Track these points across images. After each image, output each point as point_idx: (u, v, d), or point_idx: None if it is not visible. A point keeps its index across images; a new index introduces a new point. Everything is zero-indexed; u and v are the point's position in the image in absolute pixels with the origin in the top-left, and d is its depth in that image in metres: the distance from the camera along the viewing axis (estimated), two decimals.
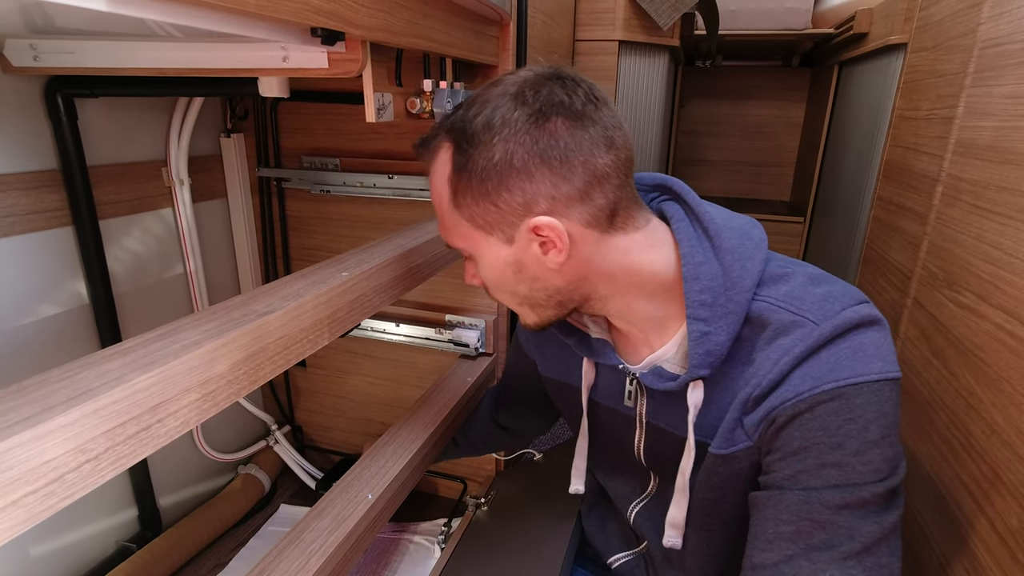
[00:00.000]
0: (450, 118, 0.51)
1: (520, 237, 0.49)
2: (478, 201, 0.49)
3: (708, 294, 0.49)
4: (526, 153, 0.46)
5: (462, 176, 0.49)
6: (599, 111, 0.48)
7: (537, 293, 0.53)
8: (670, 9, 1.23)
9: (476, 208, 0.49)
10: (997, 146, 0.62)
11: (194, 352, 0.39)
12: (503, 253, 0.51)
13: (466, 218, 0.51)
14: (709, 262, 0.50)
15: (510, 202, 0.48)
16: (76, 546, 0.95)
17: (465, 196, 0.49)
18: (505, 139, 0.46)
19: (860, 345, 0.44)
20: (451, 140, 0.50)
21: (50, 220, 0.84)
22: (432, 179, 0.53)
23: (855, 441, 0.43)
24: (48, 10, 0.56)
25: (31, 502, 0.30)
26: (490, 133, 0.47)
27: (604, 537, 0.75)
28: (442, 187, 0.51)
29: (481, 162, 0.47)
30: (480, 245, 0.52)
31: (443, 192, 0.51)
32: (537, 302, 0.54)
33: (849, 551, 0.43)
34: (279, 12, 0.45)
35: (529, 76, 0.49)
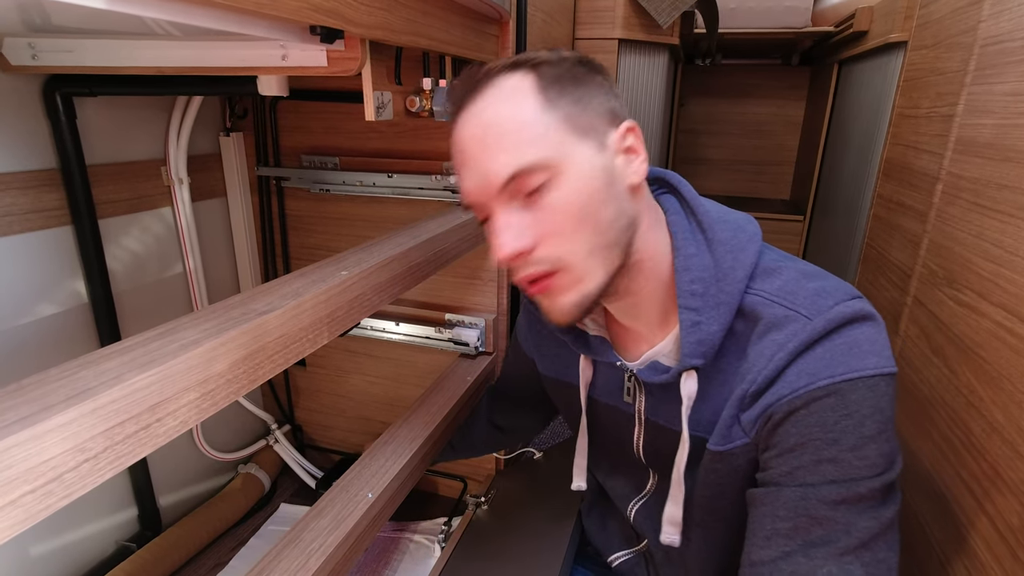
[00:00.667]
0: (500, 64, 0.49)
1: (610, 145, 0.48)
2: (576, 103, 0.47)
3: (699, 284, 0.49)
4: (595, 75, 0.50)
5: (554, 83, 0.47)
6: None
7: (616, 224, 0.48)
8: (669, 7, 1.23)
9: (574, 108, 0.47)
10: (997, 144, 0.62)
11: (193, 351, 0.39)
12: (598, 160, 0.47)
13: (562, 119, 0.47)
14: (701, 254, 0.50)
15: (601, 107, 0.49)
16: (76, 546, 0.95)
17: (562, 97, 0.47)
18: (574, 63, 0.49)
19: (855, 340, 0.44)
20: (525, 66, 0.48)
21: (49, 219, 0.84)
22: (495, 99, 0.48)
23: (851, 437, 0.43)
24: (47, 8, 0.56)
25: (29, 501, 0.30)
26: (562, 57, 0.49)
27: (604, 536, 0.75)
28: (523, 97, 0.47)
29: (569, 72, 0.48)
30: (573, 150, 0.47)
31: (525, 101, 0.47)
32: (612, 240, 0.48)
33: (846, 546, 0.43)
34: (278, 10, 0.45)
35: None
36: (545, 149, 0.46)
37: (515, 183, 0.46)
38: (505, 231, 0.47)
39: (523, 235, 0.47)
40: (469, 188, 0.49)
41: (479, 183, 0.48)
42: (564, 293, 0.49)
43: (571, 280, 0.48)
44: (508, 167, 0.46)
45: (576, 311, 0.49)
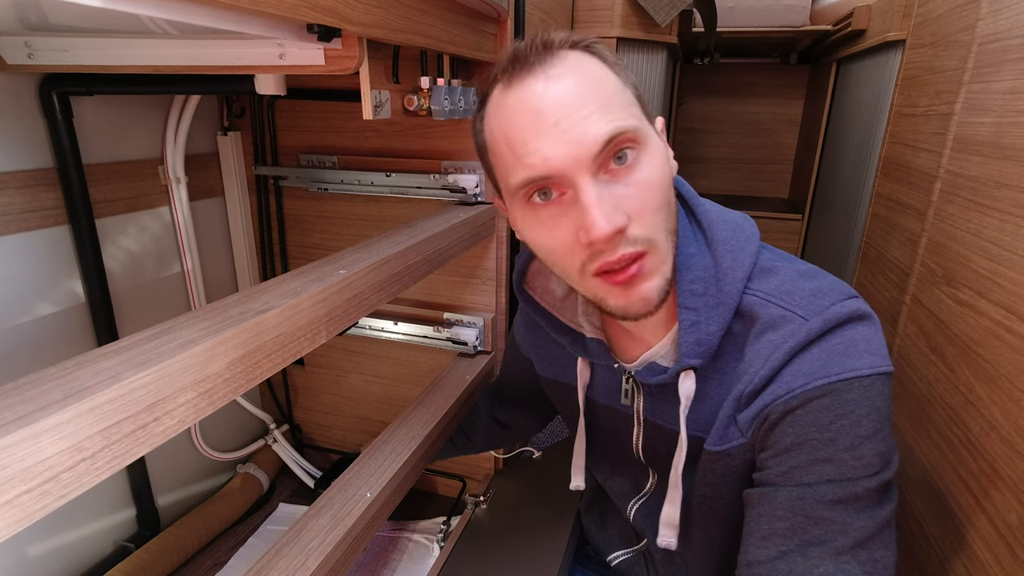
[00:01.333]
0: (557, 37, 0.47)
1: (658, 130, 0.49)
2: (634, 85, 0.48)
3: (699, 284, 0.49)
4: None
5: (615, 64, 0.47)
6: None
7: (674, 206, 0.48)
8: (668, 6, 1.23)
9: (636, 91, 0.48)
10: (996, 142, 0.62)
11: (190, 350, 0.39)
12: (660, 142, 0.48)
13: (634, 99, 0.47)
14: (701, 253, 0.50)
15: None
16: (74, 546, 0.95)
17: (627, 78, 0.47)
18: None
19: (851, 340, 0.44)
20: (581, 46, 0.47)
21: (46, 219, 0.84)
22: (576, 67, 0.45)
23: (847, 436, 0.43)
24: (42, 7, 0.56)
25: (26, 501, 0.30)
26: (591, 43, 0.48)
27: (604, 535, 0.75)
28: (602, 71, 0.46)
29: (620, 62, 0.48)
30: (648, 130, 0.47)
31: (605, 75, 0.46)
32: (673, 227, 0.48)
33: (843, 546, 0.43)
34: (275, 8, 0.45)
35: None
36: (635, 119, 0.45)
37: (613, 146, 0.43)
38: (600, 205, 0.43)
39: (618, 210, 0.43)
40: (550, 155, 0.43)
41: (569, 147, 0.43)
42: (651, 277, 0.46)
43: (658, 262, 0.46)
44: (610, 126, 0.43)
45: (660, 296, 0.47)
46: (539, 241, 0.48)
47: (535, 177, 0.44)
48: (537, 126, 0.44)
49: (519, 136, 0.45)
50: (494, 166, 0.50)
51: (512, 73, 0.45)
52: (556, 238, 0.46)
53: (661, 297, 0.47)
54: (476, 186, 0.96)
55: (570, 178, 0.43)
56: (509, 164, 0.46)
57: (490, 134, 0.49)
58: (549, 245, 0.47)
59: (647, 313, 0.47)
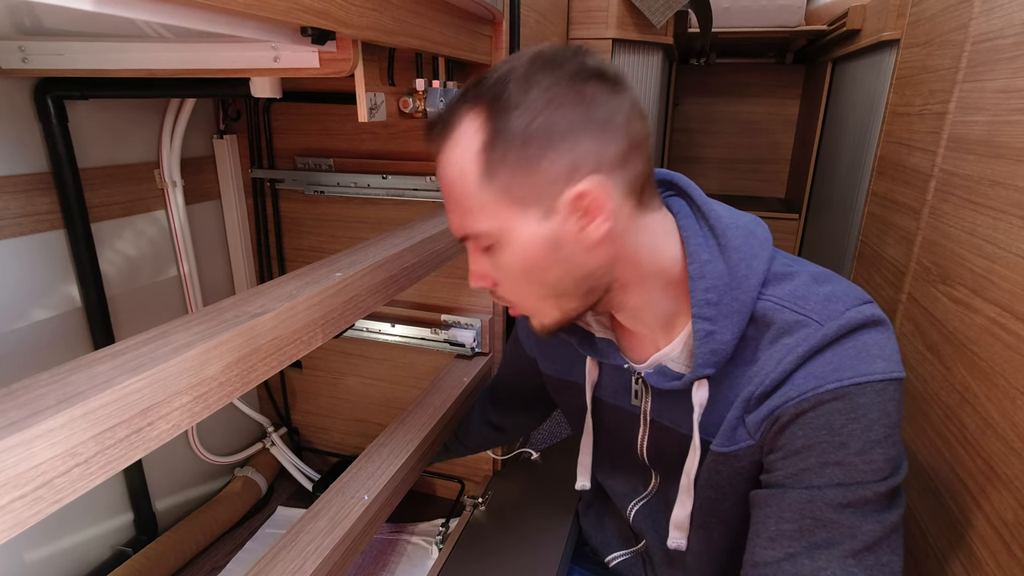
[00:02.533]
0: (475, 89, 0.47)
1: (560, 208, 0.46)
2: (518, 169, 0.45)
3: (714, 293, 0.48)
4: (571, 113, 0.44)
5: (498, 144, 0.45)
6: (625, 82, 0.47)
7: (566, 280, 0.49)
8: (663, 7, 1.23)
9: (514, 179, 0.45)
10: (989, 141, 0.62)
11: (185, 354, 0.39)
12: (541, 230, 0.47)
13: (500, 191, 0.46)
14: (715, 260, 0.49)
15: (553, 168, 0.45)
16: (71, 551, 0.95)
17: (503, 165, 0.45)
18: (548, 100, 0.44)
19: (864, 345, 0.44)
20: (484, 105, 0.46)
21: (41, 223, 0.84)
22: (450, 158, 0.48)
23: (858, 440, 0.43)
24: (36, 11, 0.56)
25: (19, 507, 0.30)
26: (530, 95, 0.44)
27: (602, 536, 0.75)
28: (468, 162, 0.46)
29: (522, 124, 0.44)
30: (512, 224, 0.47)
31: (469, 168, 0.46)
32: (565, 291, 0.50)
33: (850, 549, 0.43)
34: (268, 11, 0.45)
35: (547, 48, 0.47)
36: (485, 222, 0.48)
37: (467, 241, 0.51)
38: (471, 269, 0.53)
39: (484, 277, 0.52)
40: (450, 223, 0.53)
41: (451, 225, 0.52)
42: (534, 318, 0.54)
43: (532, 312, 0.54)
44: (460, 229, 0.50)
45: (548, 331, 0.54)
46: None
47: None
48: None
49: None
50: None
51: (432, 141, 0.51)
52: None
53: (550, 331, 0.54)
54: None
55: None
56: None
57: None
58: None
59: (545, 337, 0.56)
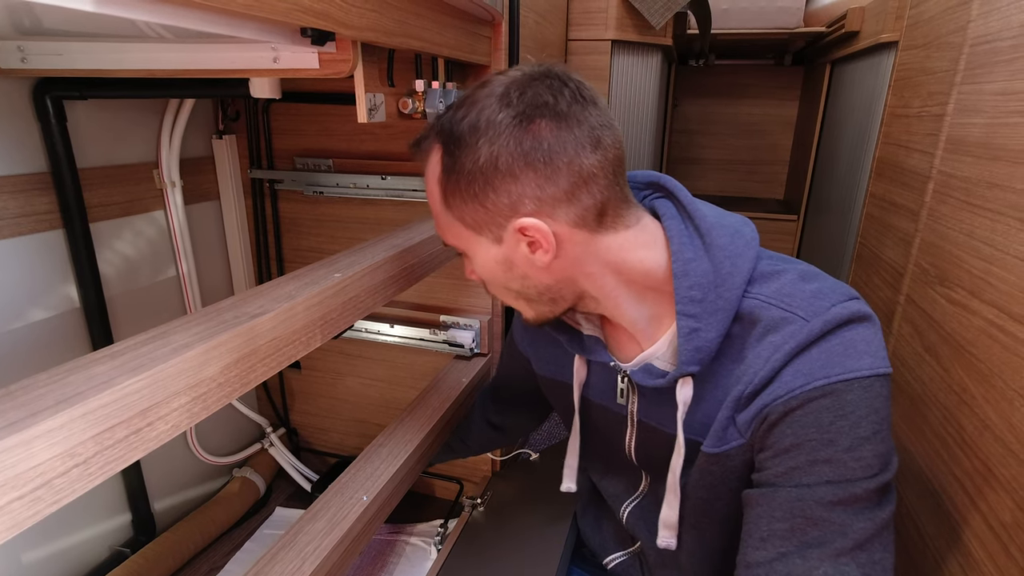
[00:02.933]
0: (440, 119, 0.52)
1: (508, 237, 0.50)
2: (466, 202, 0.50)
3: (698, 291, 0.49)
4: (510, 155, 0.47)
5: (450, 178, 0.50)
6: (585, 111, 0.47)
7: (529, 290, 0.54)
8: (662, 8, 1.24)
9: (465, 209, 0.50)
10: (987, 143, 0.63)
11: (184, 355, 0.39)
12: (493, 252, 0.52)
13: (456, 218, 0.52)
14: (699, 259, 0.50)
15: (496, 203, 0.48)
16: (69, 551, 0.95)
17: (454, 197, 0.50)
18: (490, 141, 0.47)
19: (851, 341, 0.44)
20: (440, 142, 0.51)
21: (40, 223, 0.84)
22: (426, 179, 0.54)
23: (847, 437, 0.43)
24: (35, 11, 0.56)
25: (17, 508, 0.30)
26: (475, 135, 0.47)
27: (600, 537, 0.75)
28: (434, 188, 0.53)
29: (468, 164, 0.48)
30: (471, 244, 0.53)
31: (435, 192, 0.53)
32: (531, 298, 0.55)
33: (842, 548, 0.43)
34: (268, 12, 0.45)
35: (517, 76, 0.49)
36: (453, 238, 0.54)
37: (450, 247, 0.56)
38: (465, 263, 0.58)
39: (472, 273, 0.57)
40: None
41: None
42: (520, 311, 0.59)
43: (515, 306, 0.58)
44: (442, 237, 0.56)
45: (538, 322, 0.58)
46: None
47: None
48: None
49: None
50: None
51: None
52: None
53: (540, 323, 0.58)
54: None
55: None
56: None
57: None
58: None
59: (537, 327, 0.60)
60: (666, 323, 0.53)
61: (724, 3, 1.78)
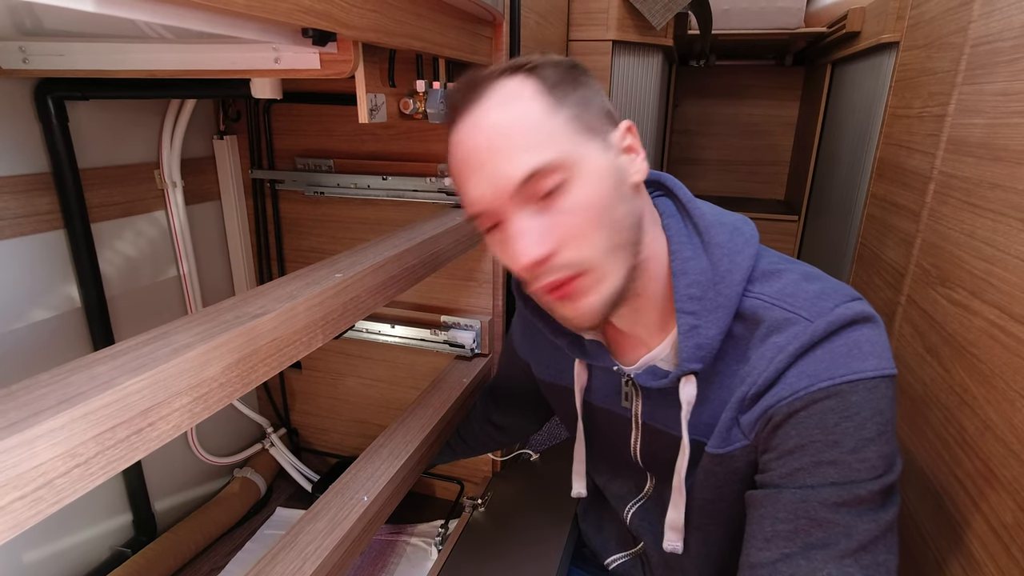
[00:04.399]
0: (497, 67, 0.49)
1: (613, 144, 0.49)
2: (579, 103, 0.47)
3: (696, 288, 0.49)
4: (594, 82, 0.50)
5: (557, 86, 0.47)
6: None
7: (628, 219, 0.48)
8: (663, 9, 1.24)
9: (578, 109, 0.47)
10: (988, 143, 0.63)
11: (185, 355, 0.39)
12: (605, 159, 0.48)
13: (569, 118, 0.46)
14: (698, 257, 0.50)
15: (600, 109, 0.49)
16: (70, 551, 0.95)
17: (566, 100, 0.47)
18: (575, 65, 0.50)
19: (855, 342, 0.44)
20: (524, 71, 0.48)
21: (41, 223, 0.84)
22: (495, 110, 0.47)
23: (852, 439, 0.43)
24: (37, 11, 0.56)
25: (19, 508, 0.30)
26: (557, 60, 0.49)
27: (601, 538, 0.75)
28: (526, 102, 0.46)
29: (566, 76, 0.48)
30: (584, 151, 0.46)
31: (530, 106, 0.46)
32: (625, 240, 0.48)
33: (846, 549, 0.43)
34: (269, 12, 0.45)
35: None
36: (558, 148, 0.45)
37: (531, 183, 0.45)
38: (524, 236, 0.45)
39: (543, 240, 0.45)
40: (478, 195, 0.47)
41: (491, 187, 0.46)
42: (588, 295, 0.48)
43: (594, 280, 0.47)
44: (525, 166, 0.44)
45: (601, 311, 0.48)
46: (499, 260, 0.52)
47: (472, 214, 0.50)
48: (468, 169, 0.48)
49: (458, 178, 0.50)
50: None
51: (456, 113, 0.49)
52: (505, 260, 0.50)
53: (605, 311, 0.49)
54: None
55: (499, 213, 0.47)
56: (461, 199, 0.51)
57: (449, 162, 0.52)
58: (505, 264, 0.50)
59: (593, 326, 0.50)
60: (669, 325, 0.53)
61: (725, 3, 1.78)
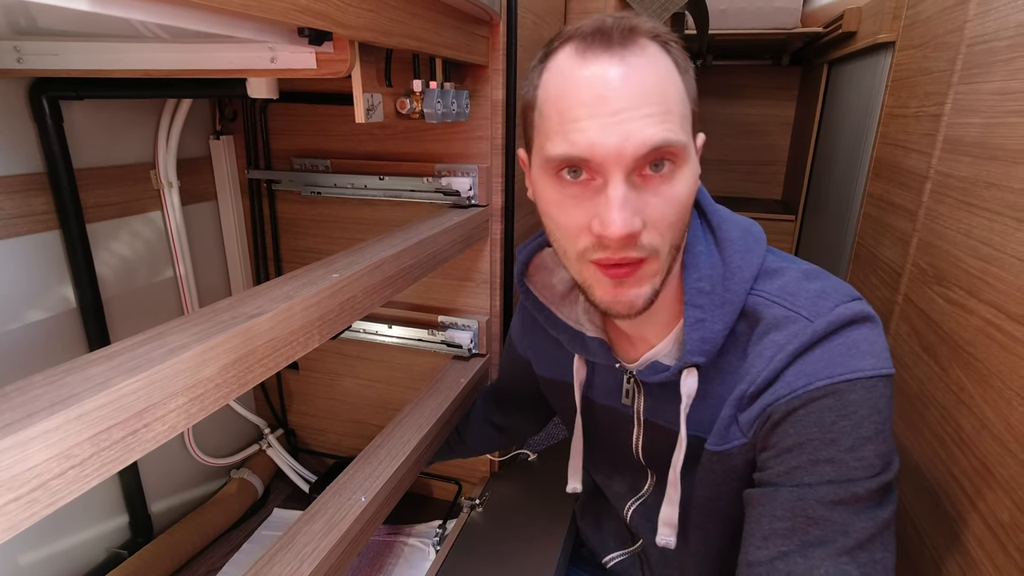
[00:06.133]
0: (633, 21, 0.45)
1: (698, 144, 0.50)
2: (695, 95, 0.47)
3: (707, 283, 0.49)
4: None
5: (686, 70, 0.46)
6: None
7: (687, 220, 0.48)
8: (660, 9, 1.24)
9: (694, 103, 0.47)
10: (984, 142, 0.63)
11: (181, 356, 0.39)
12: (695, 160, 0.47)
13: (690, 113, 0.46)
14: (710, 252, 0.50)
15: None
16: (66, 553, 0.94)
17: (689, 89, 0.46)
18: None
19: (854, 341, 0.45)
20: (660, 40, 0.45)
21: (36, 224, 0.83)
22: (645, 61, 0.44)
23: (849, 437, 0.43)
24: (31, 10, 0.56)
25: (13, 510, 0.30)
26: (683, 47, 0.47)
27: (599, 537, 0.75)
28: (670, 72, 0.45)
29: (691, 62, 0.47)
30: (690, 145, 0.46)
31: (673, 78, 0.45)
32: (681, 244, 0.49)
33: (843, 547, 0.43)
34: (265, 12, 0.45)
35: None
36: (686, 134, 0.45)
37: (658, 154, 0.43)
38: (623, 207, 0.43)
39: (637, 215, 0.44)
40: (599, 140, 0.42)
41: (618, 139, 0.42)
42: (644, 284, 0.47)
43: (653, 271, 0.47)
44: (663, 135, 0.42)
45: (644, 305, 0.47)
46: (552, 213, 0.48)
47: (574, 156, 0.44)
48: (596, 109, 0.43)
49: (575, 111, 0.43)
50: (535, 125, 0.48)
51: (590, 45, 0.44)
52: (571, 217, 0.46)
53: (645, 305, 0.48)
54: (470, 189, 0.96)
55: (606, 169, 0.43)
56: (553, 131, 0.45)
57: (544, 93, 0.47)
58: (562, 220, 0.47)
59: (628, 316, 0.48)
60: (674, 321, 0.53)
61: (722, 3, 1.78)
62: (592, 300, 0.49)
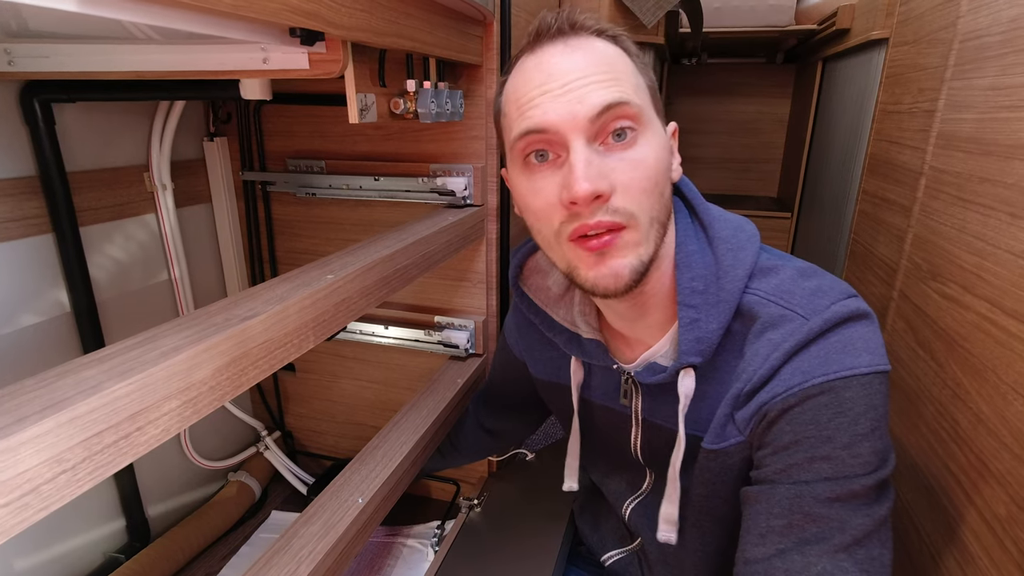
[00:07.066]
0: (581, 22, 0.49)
1: (668, 130, 0.52)
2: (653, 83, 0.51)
3: (700, 282, 0.49)
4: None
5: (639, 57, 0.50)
6: None
7: (666, 202, 0.49)
8: (654, 7, 1.24)
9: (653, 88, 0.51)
10: (978, 138, 0.63)
11: (174, 358, 0.38)
12: (664, 139, 0.50)
13: (648, 89, 0.50)
14: (703, 251, 0.50)
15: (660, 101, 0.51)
16: (62, 558, 0.94)
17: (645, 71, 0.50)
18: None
19: (849, 339, 0.45)
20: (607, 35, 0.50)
21: (29, 228, 0.83)
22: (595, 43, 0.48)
23: (845, 434, 0.43)
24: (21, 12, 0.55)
25: (4, 515, 0.29)
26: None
27: (598, 536, 0.75)
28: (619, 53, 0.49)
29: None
30: (653, 117, 0.49)
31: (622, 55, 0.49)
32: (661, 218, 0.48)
33: (840, 544, 0.43)
34: (256, 12, 0.45)
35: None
36: (640, 99, 0.47)
37: (612, 116, 0.45)
38: (587, 166, 0.44)
39: (603, 178, 0.44)
40: (551, 109, 0.45)
41: (569, 106, 0.45)
42: (625, 254, 0.46)
43: (635, 240, 0.46)
44: (612, 95, 0.45)
45: (632, 276, 0.47)
46: (528, 202, 0.49)
47: (532, 128, 0.46)
48: (545, 86, 0.46)
49: (527, 93, 0.47)
50: (502, 128, 0.52)
51: (536, 42, 0.49)
52: (542, 197, 0.47)
53: (634, 278, 0.47)
54: (465, 189, 0.96)
55: (565, 137, 0.45)
56: (513, 120, 0.49)
57: (505, 96, 0.51)
58: (534, 204, 0.49)
59: (616, 292, 0.47)
60: (669, 322, 0.53)
61: (716, 1, 1.78)
62: (580, 283, 0.49)
